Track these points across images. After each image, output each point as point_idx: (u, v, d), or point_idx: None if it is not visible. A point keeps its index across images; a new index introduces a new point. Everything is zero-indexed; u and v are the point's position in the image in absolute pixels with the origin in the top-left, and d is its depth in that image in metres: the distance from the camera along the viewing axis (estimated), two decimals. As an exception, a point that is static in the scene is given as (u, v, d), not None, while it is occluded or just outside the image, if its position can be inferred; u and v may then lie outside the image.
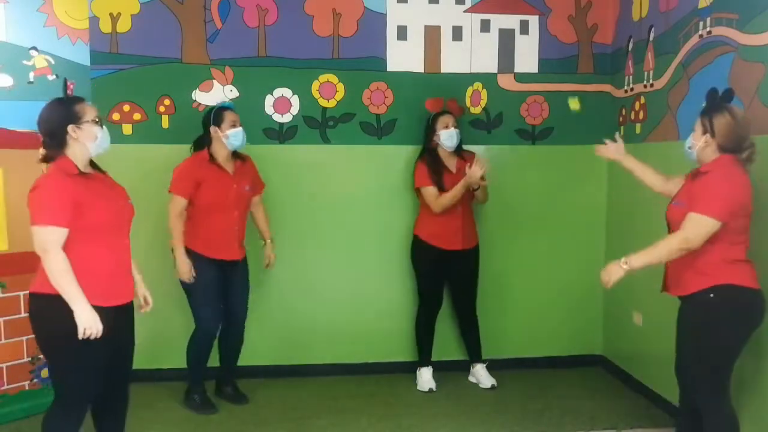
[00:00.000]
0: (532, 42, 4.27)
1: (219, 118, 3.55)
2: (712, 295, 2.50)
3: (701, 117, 2.58)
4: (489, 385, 4.03)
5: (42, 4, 4.11)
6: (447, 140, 3.87)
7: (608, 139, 3.18)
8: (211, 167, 3.54)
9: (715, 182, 2.48)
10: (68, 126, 2.45)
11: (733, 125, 2.51)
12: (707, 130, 2.54)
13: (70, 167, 2.45)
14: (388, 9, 4.16)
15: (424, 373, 4.04)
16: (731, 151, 2.53)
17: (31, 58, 4.26)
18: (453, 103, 4.05)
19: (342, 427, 3.53)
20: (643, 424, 3.53)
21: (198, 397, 3.71)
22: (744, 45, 2.98)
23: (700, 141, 2.56)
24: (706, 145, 2.55)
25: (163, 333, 4.04)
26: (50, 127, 2.46)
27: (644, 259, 2.55)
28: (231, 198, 3.57)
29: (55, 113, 2.47)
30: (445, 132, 3.86)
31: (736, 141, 2.52)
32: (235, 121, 3.57)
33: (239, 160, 3.67)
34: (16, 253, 3.50)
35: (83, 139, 2.48)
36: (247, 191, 3.67)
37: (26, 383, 3.63)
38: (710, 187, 2.48)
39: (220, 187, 3.54)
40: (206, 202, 3.52)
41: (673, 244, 2.51)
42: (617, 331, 4.28)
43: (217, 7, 4.04)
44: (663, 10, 3.66)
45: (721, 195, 2.46)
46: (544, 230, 4.35)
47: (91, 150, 2.52)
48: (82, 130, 2.47)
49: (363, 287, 4.28)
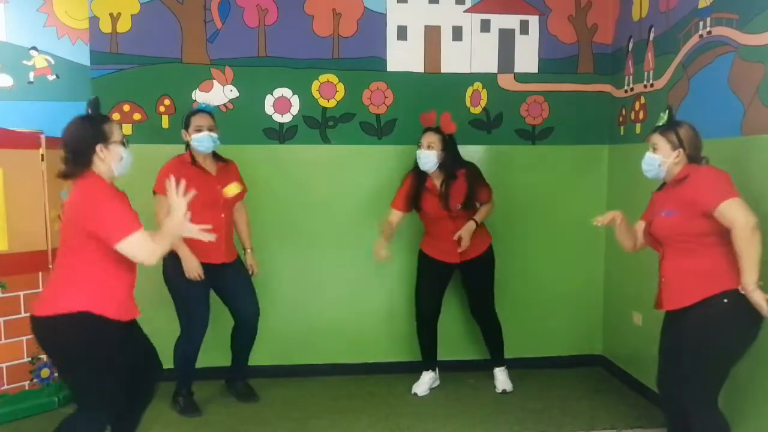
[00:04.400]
0: (532, 42, 4.27)
1: (186, 122, 3.55)
2: (726, 300, 2.48)
3: (665, 134, 2.63)
4: (500, 390, 4.01)
5: (42, 4, 4.11)
6: (421, 162, 3.72)
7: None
8: (193, 168, 3.51)
9: (707, 176, 2.54)
10: (96, 146, 2.43)
11: (694, 135, 2.61)
12: (677, 145, 2.60)
13: (104, 182, 2.47)
14: (388, 9, 4.16)
15: (422, 377, 4.03)
16: (695, 160, 2.61)
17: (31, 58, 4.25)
18: (445, 118, 3.79)
19: (342, 427, 3.54)
20: (642, 424, 3.53)
21: (182, 399, 3.71)
22: (744, 45, 2.98)
23: (671, 157, 2.61)
24: (677, 161, 2.61)
25: (161, 334, 4.01)
26: (78, 145, 2.43)
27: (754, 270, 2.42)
28: (217, 199, 3.53)
29: (83, 132, 2.44)
30: (421, 153, 3.71)
31: (698, 150, 2.62)
32: (200, 126, 3.49)
33: (221, 162, 3.65)
34: (16, 254, 3.50)
35: (109, 160, 2.47)
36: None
37: (26, 383, 3.63)
38: (709, 180, 2.52)
39: (203, 187, 3.43)
40: (191, 204, 3.49)
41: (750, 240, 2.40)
42: (617, 331, 4.28)
43: (217, 7, 4.04)
44: (663, 10, 3.66)
45: (721, 181, 2.50)
46: (544, 230, 4.35)
47: (115, 171, 2.51)
48: (110, 150, 2.46)
49: (363, 287, 4.28)
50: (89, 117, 2.49)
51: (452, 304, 4.21)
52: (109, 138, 2.45)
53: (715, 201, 2.44)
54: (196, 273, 3.49)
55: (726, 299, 2.48)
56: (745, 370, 2.89)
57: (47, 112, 4.41)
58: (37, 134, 3.65)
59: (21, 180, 3.53)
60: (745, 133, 2.96)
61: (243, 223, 3.79)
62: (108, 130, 2.46)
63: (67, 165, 2.45)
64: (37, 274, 3.59)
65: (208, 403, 3.79)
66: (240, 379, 3.90)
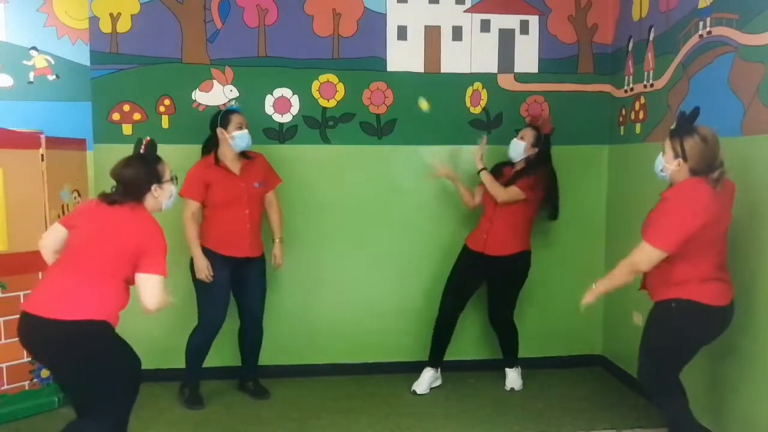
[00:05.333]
0: (532, 42, 4.27)
1: (226, 121, 3.64)
2: (674, 305, 2.66)
3: (671, 140, 2.64)
4: (508, 387, 4.04)
5: (42, 4, 4.11)
6: (510, 148, 3.94)
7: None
8: (218, 169, 3.65)
9: (669, 213, 2.59)
10: (152, 185, 2.61)
11: (703, 148, 2.57)
12: (679, 154, 2.60)
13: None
14: (388, 9, 4.15)
15: (423, 374, 4.04)
16: (702, 173, 2.58)
17: (31, 58, 4.26)
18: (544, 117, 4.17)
19: (342, 427, 3.54)
20: (642, 424, 3.53)
21: (188, 391, 3.79)
22: (744, 45, 2.98)
23: (673, 165, 2.63)
24: (678, 169, 2.62)
25: (163, 333, 4.04)
26: (135, 184, 2.60)
27: (606, 284, 2.80)
28: (240, 196, 3.65)
29: (140, 172, 2.60)
30: (513, 141, 3.94)
31: (706, 163, 2.58)
32: (241, 124, 3.67)
33: (246, 160, 3.74)
34: (15, 254, 3.50)
35: (162, 198, 2.66)
36: (256, 188, 3.73)
37: (26, 383, 3.63)
38: (663, 218, 2.60)
39: (227, 187, 3.65)
40: (216, 202, 3.64)
41: (624, 270, 2.70)
42: (617, 331, 4.28)
43: (217, 7, 4.04)
44: (663, 10, 3.66)
45: (671, 227, 2.57)
46: (544, 230, 4.35)
47: (163, 206, 2.70)
48: (163, 189, 2.65)
49: (363, 287, 4.28)
50: (144, 157, 2.65)
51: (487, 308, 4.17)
52: (162, 177, 2.65)
53: (647, 236, 2.61)
54: (205, 274, 3.61)
55: (674, 304, 2.65)
56: (732, 371, 2.93)
57: (47, 112, 4.42)
58: (37, 134, 3.66)
59: (21, 180, 3.53)
60: (745, 133, 2.95)
61: (274, 214, 3.88)
62: (161, 170, 2.65)
63: (120, 196, 2.60)
64: (37, 274, 3.58)
65: (209, 403, 3.79)
66: (251, 379, 3.96)
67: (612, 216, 4.35)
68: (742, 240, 2.90)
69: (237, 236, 3.67)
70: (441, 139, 4.22)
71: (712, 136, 2.59)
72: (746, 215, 2.89)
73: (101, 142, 4.03)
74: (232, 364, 4.04)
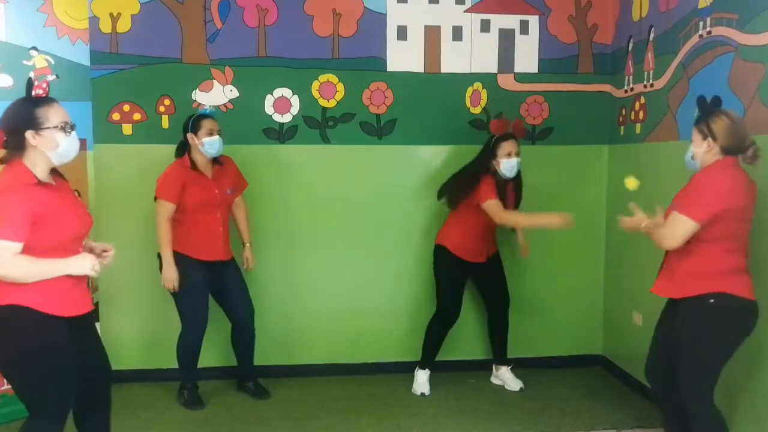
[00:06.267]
0: (532, 42, 4.27)
1: (196, 126, 3.60)
2: (712, 300, 2.52)
3: (697, 126, 2.59)
4: (517, 388, 4.02)
5: (42, 4, 4.10)
6: (507, 170, 3.72)
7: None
8: (193, 173, 3.61)
9: (702, 185, 2.52)
10: (26, 131, 2.23)
11: (731, 125, 2.51)
12: (707, 135, 2.53)
13: (26, 176, 2.23)
14: (388, 9, 4.15)
15: (419, 376, 4.02)
16: (734, 152, 2.52)
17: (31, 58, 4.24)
18: (518, 125, 3.88)
19: (342, 427, 3.53)
20: (643, 424, 3.53)
21: (187, 392, 3.77)
22: (744, 45, 2.98)
23: (702, 147, 2.56)
24: (708, 149, 2.54)
25: (162, 333, 4.04)
26: (9, 128, 2.25)
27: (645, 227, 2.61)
28: (213, 201, 3.63)
29: (16, 114, 2.26)
30: (507, 161, 3.70)
31: (736, 141, 2.51)
32: (212, 130, 3.60)
33: (218, 165, 3.71)
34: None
35: (43, 147, 2.25)
36: (229, 194, 3.72)
37: (26, 383, 3.62)
38: (695, 189, 2.52)
39: (202, 190, 3.61)
40: (191, 206, 3.58)
41: (656, 236, 2.58)
42: (617, 331, 4.28)
43: (217, 7, 4.04)
44: (663, 10, 3.66)
45: (703, 198, 2.48)
46: (544, 230, 4.34)
47: (52, 159, 2.30)
48: (42, 137, 2.24)
49: (363, 287, 4.28)
50: (26, 99, 2.31)
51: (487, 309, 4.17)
52: (42, 123, 2.24)
53: (678, 206, 2.52)
54: (172, 285, 3.56)
55: (712, 300, 2.52)
56: (741, 370, 2.91)
57: (47, 112, 4.40)
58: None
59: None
60: (745, 133, 2.95)
61: (242, 218, 3.85)
62: (42, 115, 2.25)
63: (5, 148, 2.27)
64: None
65: (209, 403, 3.79)
66: (250, 379, 3.94)
67: (612, 216, 4.34)
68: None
69: (211, 240, 3.64)
70: (441, 139, 4.22)
71: (737, 115, 2.57)
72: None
73: (101, 142, 4.03)
74: (231, 364, 4.04)
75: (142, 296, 4.04)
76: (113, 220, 3.96)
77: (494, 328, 4.11)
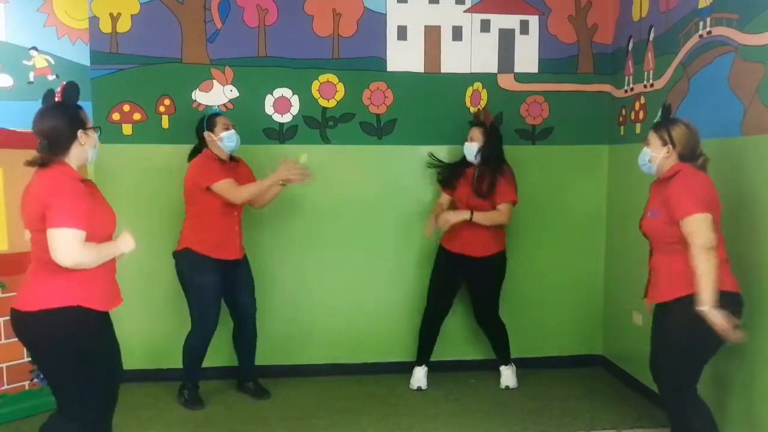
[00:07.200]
0: (532, 42, 4.27)
1: (211, 123, 3.63)
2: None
3: (657, 131, 2.73)
4: (503, 386, 4.04)
5: (42, 4, 4.10)
6: (466, 152, 3.89)
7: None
8: (222, 164, 3.63)
9: (686, 183, 2.60)
10: (78, 131, 2.40)
11: (688, 134, 2.68)
12: (667, 141, 2.69)
13: (74, 173, 2.40)
14: (388, 9, 4.15)
15: (416, 371, 4.05)
16: (688, 159, 2.68)
17: (31, 58, 4.25)
18: (484, 111, 4.12)
19: (342, 427, 3.53)
20: (643, 425, 3.53)
21: (187, 392, 3.78)
22: (744, 45, 2.98)
23: (661, 152, 2.71)
24: (667, 156, 2.70)
25: (163, 333, 4.05)
26: (58, 130, 2.37)
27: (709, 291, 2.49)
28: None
29: (64, 117, 2.39)
30: (465, 144, 3.88)
31: (691, 149, 2.68)
32: (227, 125, 3.64)
33: (234, 163, 3.73)
34: (16, 254, 3.50)
35: (88, 145, 2.46)
36: None
37: (26, 383, 3.63)
38: (684, 189, 2.59)
39: None
40: (213, 204, 3.57)
41: (705, 260, 2.50)
42: (617, 331, 4.28)
43: (217, 7, 4.04)
44: (663, 10, 3.66)
45: (696, 191, 2.58)
46: (544, 230, 4.35)
47: (90, 157, 2.50)
48: (89, 136, 2.45)
49: (363, 287, 4.28)
50: (64, 104, 2.43)
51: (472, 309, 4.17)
52: (87, 124, 2.45)
53: (681, 212, 2.56)
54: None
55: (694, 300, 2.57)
56: (733, 369, 2.92)
57: (47, 112, 4.39)
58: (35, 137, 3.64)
59: (21, 180, 3.48)
60: (745, 133, 2.95)
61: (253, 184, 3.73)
62: (85, 117, 2.46)
63: (44, 152, 2.39)
64: (37, 274, 3.58)
65: (209, 403, 3.80)
66: (250, 379, 3.95)
67: (612, 216, 4.35)
68: (742, 240, 2.90)
69: (228, 239, 3.66)
70: (441, 139, 4.21)
71: (693, 125, 2.72)
72: (746, 215, 2.89)
73: (101, 142, 3.94)
74: (231, 364, 4.05)
75: (142, 297, 4.03)
76: (113, 220, 3.95)
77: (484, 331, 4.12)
